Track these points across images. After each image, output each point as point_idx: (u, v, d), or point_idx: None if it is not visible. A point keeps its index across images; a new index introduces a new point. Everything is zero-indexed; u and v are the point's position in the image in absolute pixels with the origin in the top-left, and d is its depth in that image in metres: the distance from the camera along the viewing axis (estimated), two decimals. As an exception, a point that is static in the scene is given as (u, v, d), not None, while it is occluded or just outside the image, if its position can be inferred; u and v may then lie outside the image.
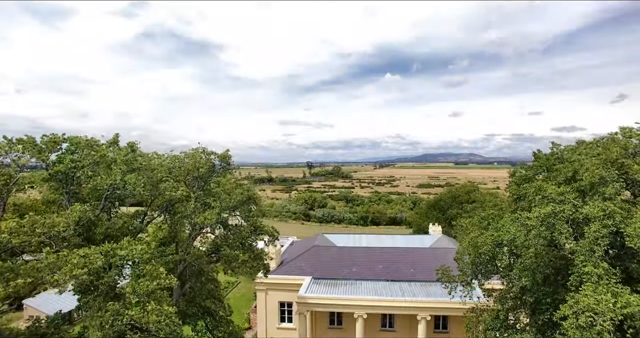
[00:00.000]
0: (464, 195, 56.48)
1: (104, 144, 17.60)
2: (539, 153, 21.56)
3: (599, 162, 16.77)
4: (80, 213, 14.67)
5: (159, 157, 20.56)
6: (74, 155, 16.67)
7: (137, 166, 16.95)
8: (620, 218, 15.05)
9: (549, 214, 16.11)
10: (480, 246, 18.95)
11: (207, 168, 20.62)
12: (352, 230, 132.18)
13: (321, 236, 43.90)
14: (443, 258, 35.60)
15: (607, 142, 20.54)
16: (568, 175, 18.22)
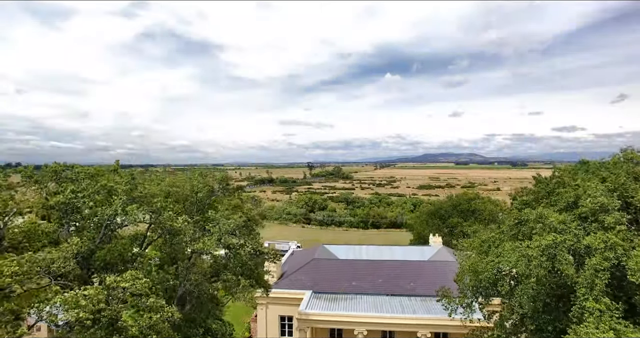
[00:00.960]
0: (465, 204, 56.38)
1: (104, 171, 17.59)
2: (539, 177, 21.50)
3: (602, 189, 16.71)
4: (78, 247, 14.64)
5: (158, 179, 20.53)
6: (74, 183, 16.65)
7: (137, 194, 16.94)
8: (622, 250, 15.00)
9: (550, 245, 16.06)
10: (480, 272, 18.90)
11: (206, 192, 20.58)
12: (352, 233, 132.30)
13: (321, 247, 43.84)
14: (443, 272, 35.63)
15: (610, 165, 20.48)
16: (569, 201, 18.16)
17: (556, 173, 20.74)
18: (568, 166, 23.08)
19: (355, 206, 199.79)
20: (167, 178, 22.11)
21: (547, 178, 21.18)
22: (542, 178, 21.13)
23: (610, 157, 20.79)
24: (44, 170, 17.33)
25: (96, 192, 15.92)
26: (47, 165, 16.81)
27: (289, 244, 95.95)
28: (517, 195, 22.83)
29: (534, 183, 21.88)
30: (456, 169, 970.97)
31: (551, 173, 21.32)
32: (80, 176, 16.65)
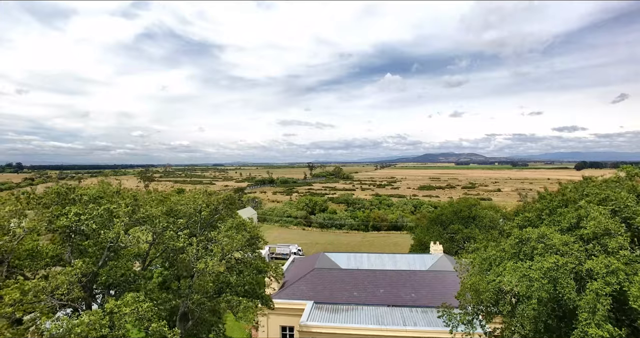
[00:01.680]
0: (466, 210, 56.35)
1: (107, 192, 17.65)
2: (544, 193, 21.50)
3: (606, 212, 16.69)
4: (81, 270, 14.70)
5: (161, 196, 20.59)
6: (77, 205, 16.69)
7: (139, 216, 17.00)
8: (624, 276, 15.00)
9: (552, 267, 16.08)
10: (482, 292, 18.92)
11: (209, 211, 20.61)
12: (352, 235, 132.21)
13: (323, 255, 43.87)
14: (443, 282, 35.72)
15: (612, 183, 20.46)
16: (572, 222, 18.16)
17: (560, 191, 20.72)
18: (571, 183, 23.02)
19: (356, 208, 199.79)
20: (171, 197, 22.10)
21: (550, 194, 21.17)
22: (545, 194, 21.12)
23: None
24: (48, 192, 17.38)
25: (99, 215, 15.96)
26: (49, 188, 16.90)
27: (290, 248, 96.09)
28: (520, 210, 22.69)
29: (537, 198, 21.83)
30: (457, 169, 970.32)
31: (556, 190, 21.30)
32: (83, 199, 16.71)
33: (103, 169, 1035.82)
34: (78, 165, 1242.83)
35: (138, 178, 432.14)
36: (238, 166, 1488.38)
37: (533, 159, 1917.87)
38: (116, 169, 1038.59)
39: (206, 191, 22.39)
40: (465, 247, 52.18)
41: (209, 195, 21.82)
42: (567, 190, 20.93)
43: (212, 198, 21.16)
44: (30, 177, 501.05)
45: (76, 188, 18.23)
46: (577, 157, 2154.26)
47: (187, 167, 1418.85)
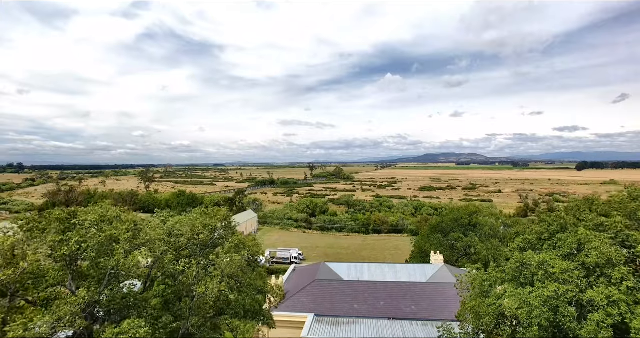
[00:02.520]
0: (466, 217, 56.41)
1: (109, 215, 17.73)
2: (544, 215, 21.53)
3: (607, 241, 16.72)
4: (85, 300, 14.81)
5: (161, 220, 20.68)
6: (77, 226, 16.78)
7: (140, 242, 17.10)
8: (626, 307, 15.05)
9: (552, 296, 16.15)
10: (482, 316, 18.99)
11: (207, 233, 20.69)
12: (353, 238, 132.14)
13: (324, 266, 43.95)
14: (443, 295, 35.79)
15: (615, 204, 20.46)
16: (572, 247, 18.21)
17: (561, 214, 20.75)
18: (573, 202, 23.05)
19: (357, 210, 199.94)
20: (170, 220, 22.16)
21: (551, 216, 21.21)
22: (547, 218, 21.14)
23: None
24: (48, 217, 17.46)
25: (100, 242, 16.06)
26: (50, 212, 17.00)
27: (290, 252, 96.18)
28: (521, 231, 22.73)
29: (537, 220, 21.88)
30: (457, 169, 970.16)
31: (556, 213, 21.34)
32: (85, 225, 16.79)
33: (104, 169, 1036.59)
34: (79, 165, 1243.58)
35: (139, 179, 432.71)
36: (239, 166, 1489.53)
37: (534, 159, 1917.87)
38: (117, 169, 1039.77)
39: (203, 212, 22.48)
40: (468, 254, 52.48)
41: (207, 215, 21.92)
42: (566, 213, 20.96)
43: (210, 220, 21.23)
44: (31, 177, 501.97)
45: (77, 211, 18.31)
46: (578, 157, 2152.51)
47: (187, 167, 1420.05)
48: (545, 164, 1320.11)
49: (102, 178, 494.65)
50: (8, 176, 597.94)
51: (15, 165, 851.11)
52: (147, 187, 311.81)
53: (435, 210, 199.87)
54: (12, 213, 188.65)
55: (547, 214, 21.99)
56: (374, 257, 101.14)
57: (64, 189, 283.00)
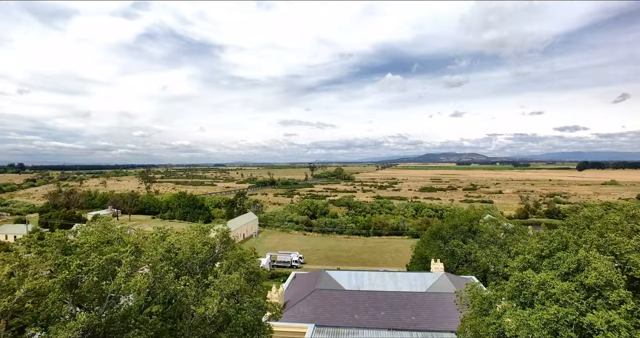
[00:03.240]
0: (466, 224, 56.36)
1: (109, 237, 17.76)
2: (544, 233, 21.51)
3: (608, 263, 16.67)
4: (85, 324, 14.81)
5: (162, 235, 20.68)
6: (79, 255, 16.77)
7: (141, 264, 17.12)
8: (626, 333, 15.02)
9: (552, 319, 16.13)
10: (482, 335, 18.98)
11: (206, 251, 20.72)
12: (354, 241, 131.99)
13: (324, 274, 43.92)
14: (443, 305, 35.79)
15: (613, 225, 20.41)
16: (571, 267, 18.17)
17: (562, 232, 20.69)
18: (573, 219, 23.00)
19: (357, 211, 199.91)
20: (170, 235, 22.16)
21: (551, 234, 21.17)
22: (546, 235, 21.10)
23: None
24: (48, 239, 17.48)
25: (101, 266, 16.07)
26: (51, 233, 17.02)
27: (291, 255, 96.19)
28: (520, 250, 22.68)
29: (537, 238, 21.82)
30: (458, 169, 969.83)
31: (557, 230, 21.30)
32: (85, 248, 16.79)
33: (104, 169, 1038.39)
34: (80, 166, 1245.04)
35: (139, 180, 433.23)
36: (239, 166, 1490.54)
37: (535, 159, 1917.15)
38: (117, 169, 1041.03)
39: (202, 229, 22.47)
40: (468, 260, 52.43)
41: (205, 233, 21.91)
42: (566, 232, 20.92)
43: (209, 237, 21.24)
44: (32, 178, 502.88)
45: (78, 230, 18.33)
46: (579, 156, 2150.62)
47: (188, 167, 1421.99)
48: (546, 164, 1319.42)
49: (103, 179, 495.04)
50: (9, 176, 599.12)
51: (16, 166, 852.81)
52: (148, 188, 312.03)
53: (436, 212, 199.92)
54: (13, 215, 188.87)
55: (547, 231, 21.96)
56: (374, 260, 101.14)
57: (65, 190, 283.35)
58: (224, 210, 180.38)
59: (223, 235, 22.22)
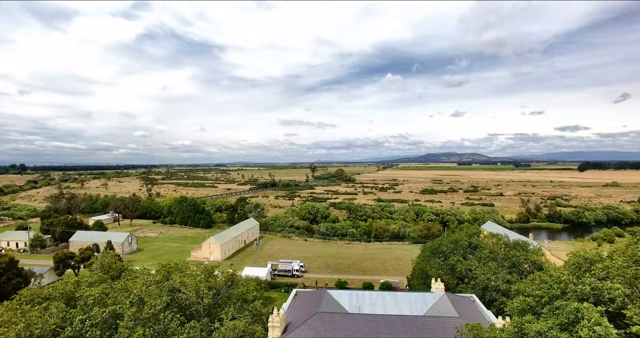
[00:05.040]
0: (465, 239, 56.54)
1: (112, 289, 17.94)
2: (544, 276, 21.66)
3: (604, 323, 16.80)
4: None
5: (164, 274, 20.86)
6: (82, 309, 17.00)
7: (144, 316, 17.29)
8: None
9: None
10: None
11: (211, 296, 20.90)
12: (354, 247, 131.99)
13: (326, 295, 44.02)
14: (443, 329, 35.94)
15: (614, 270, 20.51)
16: (570, 317, 18.34)
17: (562, 277, 20.80)
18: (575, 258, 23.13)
19: (358, 215, 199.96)
20: (174, 274, 22.33)
21: (552, 277, 21.30)
22: (547, 279, 21.21)
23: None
24: (54, 291, 17.70)
25: (104, 320, 16.25)
26: (53, 287, 17.25)
27: (292, 264, 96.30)
28: (521, 289, 22.81)
29: (537, 281, 21.95)
30: (459, 169, 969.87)
31: (557, 274, 21.42)
32: (88, 301, 16.98)
33: (105, 169, 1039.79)
34: (81, 166, 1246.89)
35: (141, 181, 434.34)
36: (240, 166, 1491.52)
37: (536, 159, 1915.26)
38: (118, 169, 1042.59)
39: (207, 270, 22.64)
40: (468, 277, 52.63)
41: (210, 275, 22.11)
42: (566, 275, 21.06)
43: (214, 282, 21.45)
44: (33, 179, 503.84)
45: (81, 282, 18.52)
46: (580, 156, 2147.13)
47: (189, 167, 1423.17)
48: (547, 164, 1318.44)
49: (104, 180, 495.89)
50: (10, 177, 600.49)
51: (18, 166, 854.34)
52: (149, 190, 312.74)
53: (437, 216, 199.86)
54: (14, 219, 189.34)
55: (547, 273, 22.10)
56: (375, 268, 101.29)
57: (66, 192, 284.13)
58: (225, 215, 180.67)
59: (227, 279, 22.44)
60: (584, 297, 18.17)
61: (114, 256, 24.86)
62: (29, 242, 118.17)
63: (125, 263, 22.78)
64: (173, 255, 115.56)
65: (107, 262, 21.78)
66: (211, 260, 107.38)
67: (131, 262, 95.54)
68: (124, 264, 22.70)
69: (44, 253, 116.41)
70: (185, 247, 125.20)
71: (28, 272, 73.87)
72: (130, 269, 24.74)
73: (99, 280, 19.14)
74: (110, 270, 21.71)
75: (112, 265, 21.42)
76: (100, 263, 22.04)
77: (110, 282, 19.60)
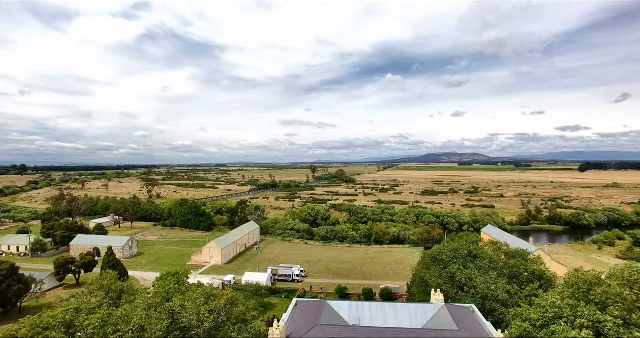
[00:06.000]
0: (465, 247, 56.55)
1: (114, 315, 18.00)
2: (541, 299, 21.69)
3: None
4: None
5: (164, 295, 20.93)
6: (82, 329, 17.06)
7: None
8: None
9: None
10: None
11: (212, 320, 20.95)
12: (355, 250, 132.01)
13: (326, 306, 44.09)
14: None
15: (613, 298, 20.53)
16: (569, 343, 18.39)
17: (557, 302, 20.81)
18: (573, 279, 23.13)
19: (358, 217, 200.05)
20: (175, 297, 22.38)
21: (547, 301, 21.31)
22: (544, 302, 21.22)
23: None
24: (53, 320, 17.77)
25: (106, 350, 16.35)
26: (56, 315, 17.31)
27: (292, 269, 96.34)
28: (519, 313, 22.83)
29: (535, 307, 21.96)
30: (460, 170, 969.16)
31: (552, 300, 21.42)
32: (88, 330, 17.05)
33: (106, 169, 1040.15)
34: (81, 166, 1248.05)
35: (141, 182, 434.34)
36: (241, 166, 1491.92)
37: (536, 159, 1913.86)
38: (119, 169, 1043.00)
39: (207, 293, 22.71)
40: (468, 286, 52.64)
41: (210, 297, 22.17)
42: (561, 301, 21.06)
43: (214, 305, 21.50)
44: (34, 180, 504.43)
45: (81, 309, 18.56)
46: (581, 156, 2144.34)
47: (189, 167, 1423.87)
48: (548, 164, 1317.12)
49: (105, 181, 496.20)
50: (11, 178, 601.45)
51: (19, 167, 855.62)
52: (150, 192, 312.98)
53: (437, 218, 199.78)
54: (15, 222, 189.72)
55: (544, 298, 22.11)
56: (375, 273, 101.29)
57: (67, 193, 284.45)
58: (225, 218, 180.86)
59: (227, 303, 22.48)
60: (582, 326, 18.20)
61: (114, 277, 24.82)
62: (30, 246, 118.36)
63: (125, 285, 22.80)
64: (173, 259, 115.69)
65: (107, 283, 21.86)
66: (212, 264, 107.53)
67: (132, 266, 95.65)
68: (125, 285, 22.77)
69: (44, 257, 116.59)
70: (186, 250, 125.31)
71: (29, 278, 74.01)
72: (130, 288, 24.74)
73: (98, 305, 19.19)
74: (110, 292, 21.79)
75: (112, 287, 21.50)
76: (100, 285, 22.12)
77: (111, 308, 19.65)
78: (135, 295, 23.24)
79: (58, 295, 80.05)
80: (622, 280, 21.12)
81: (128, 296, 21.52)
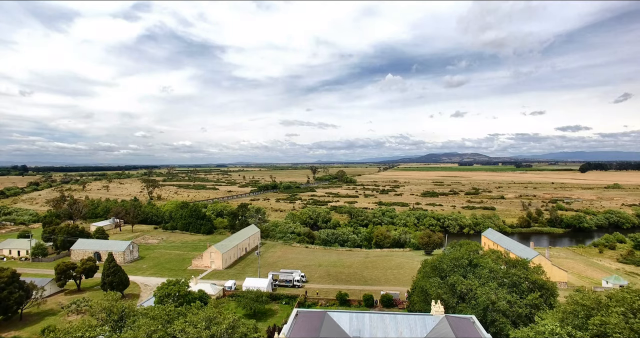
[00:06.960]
0: (466, 256, 56.52)
1: None
2: (540, 325, 21.70)
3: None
4: None
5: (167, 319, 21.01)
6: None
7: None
8: None
9: None
10: None
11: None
12: (355, 254, 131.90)
13: (327, 318, 44.13)
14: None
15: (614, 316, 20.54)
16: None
17: (556, 329, 20.82)
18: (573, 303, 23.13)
19: (359, 220, 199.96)
20: (176, 320, 22.44)
21: (546, 326, 21.34)
22: (544, 329, 21.22)
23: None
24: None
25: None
26: None
27: (293, 274, 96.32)
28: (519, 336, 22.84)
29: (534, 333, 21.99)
30: (460, 170, 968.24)
31: (551, 328, 21.41)
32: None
33: (107, 170, 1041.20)
34: (82, 167, 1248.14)
35: (142, 183, 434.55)
36: (241, 167, 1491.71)
37: (537, 159, 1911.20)
38: (120, 170, 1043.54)
39: (208, 318, 22.76)
40: (468, 296, 52.64)
41: (212, 321, 22.22)
42: (559, 328, 21.09)
43: (215, 329, 21.54)
44: (35, 181, 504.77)
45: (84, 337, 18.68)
46: (581, 156, 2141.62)
47: (190, 168, 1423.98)
48: (549, 164, 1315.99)
49: (105, 182, 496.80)
50: (12, 179, 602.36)
51: (19, 167, 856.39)
52: (150, 193, 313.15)
53: (438, 220, 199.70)
54: (16, 224, 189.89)
55: (542, 323, 22.12)
56: (376, 278, 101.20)
57: (67, 194, 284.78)
58: (226, 220, 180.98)
59: (229, 327, 22.53)
60: None
61: (115, 299, 24.85)
62: (31, 250, 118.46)
63: (126, 307, 22.83)
64: (174, 263, 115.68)
65: (107, 306, 21.92)
66: (212, 269, 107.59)
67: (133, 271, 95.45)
68: (126, 305, 22.83)
69: (45, 261, 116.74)
70: (187, 254, 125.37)
71: (30, 284, 74.08)
72: (131, 309, 24.73)
73: (101, 333, 19.29)
74: (111, 314, 21.86)
75: (113, 309, 21.57)
76: (102, 307, 22.18)
77: (114, 336, 19.76)
78: (136, 315, 23.30)
79: (59, 301, 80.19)
80: (623, 306, 21.00)
81: (130, 323, 21.53)
